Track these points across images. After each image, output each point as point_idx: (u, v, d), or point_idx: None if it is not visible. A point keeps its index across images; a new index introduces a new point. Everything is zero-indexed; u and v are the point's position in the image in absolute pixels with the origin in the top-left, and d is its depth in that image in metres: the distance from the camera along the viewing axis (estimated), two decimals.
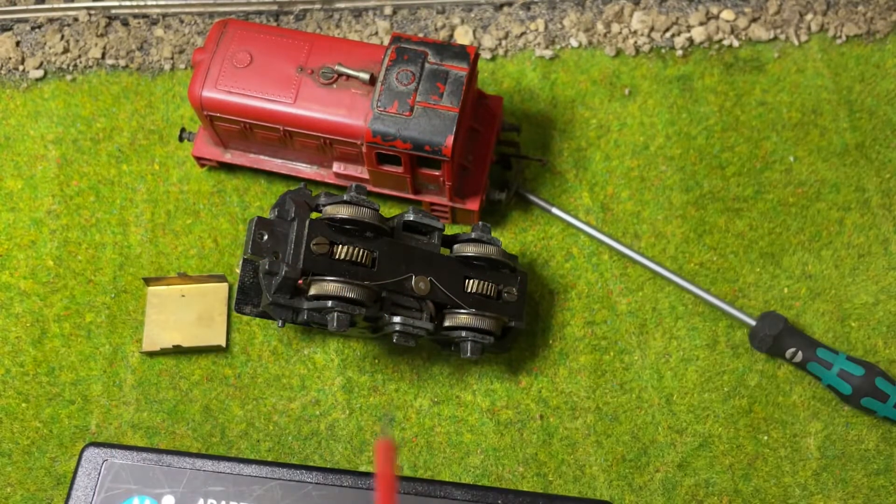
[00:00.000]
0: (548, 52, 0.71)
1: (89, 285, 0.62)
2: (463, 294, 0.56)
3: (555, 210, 0.64)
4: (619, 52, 0.71)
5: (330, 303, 0.51)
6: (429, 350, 0.60)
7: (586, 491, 0.56)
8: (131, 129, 0.68)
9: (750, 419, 0.59)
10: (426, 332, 0.53)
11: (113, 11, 0.72)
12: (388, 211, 0.64)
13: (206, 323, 0.60)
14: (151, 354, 0.60)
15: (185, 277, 0.61)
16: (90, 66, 0.70)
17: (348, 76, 0.58)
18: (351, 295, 0.51)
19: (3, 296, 0.62)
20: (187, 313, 0.60)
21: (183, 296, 0.61)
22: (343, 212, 0.53)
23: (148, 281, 0.61)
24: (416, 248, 0.56)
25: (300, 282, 0.52)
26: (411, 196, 0.62)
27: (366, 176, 0.61)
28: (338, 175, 0.62)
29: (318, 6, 0.72)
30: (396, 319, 0.54)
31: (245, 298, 0.55)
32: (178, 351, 0.60)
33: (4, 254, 0.63)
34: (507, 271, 0.58)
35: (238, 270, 0.57)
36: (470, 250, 0.56)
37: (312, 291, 0.52)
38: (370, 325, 0.55)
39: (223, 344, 0.60)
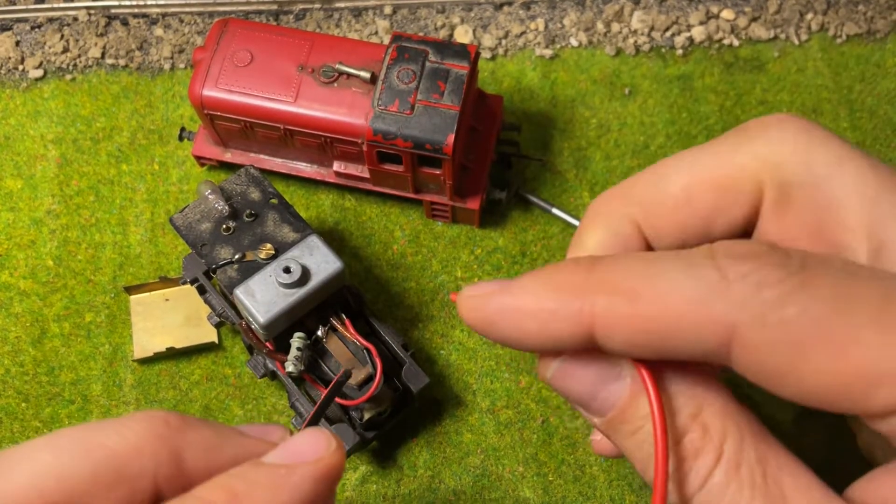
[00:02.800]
0: (548, 52, 0.71)
1: (89, 285, 0.62)
2: None
3: (555, 210, 0.64)
4: (619, 52, 0.71)
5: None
6: (427, 349, 0.60)
7: (587, 491, 0.56)
8: (131, 128, 0.68)
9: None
10: None
11: (112, 11, 0.72)
12: (388, 210, 0.64)
13: (194, 322, 0.60)
14: (144, 361, 0.60)
15: (166, 281, 0.60)
16: (90, 66, 0.70)
17: (349, 75, 0.58)
18: None
19: (2, 295, 0.62)
20: (174, 316, 0.60)
21: (167, 299, 0.61)
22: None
23: (129, 290, 0.61)
24: None
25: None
26: (412, 195, 0.61)
27: (366, 175, 0.61)
28: (338, 174, 0.62)
29: (317, 6, 0.72)
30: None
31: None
32: (171, 354, 0.59)
33: (4, 253, 0.63)
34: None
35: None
36: None
37: None
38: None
39: (216, 340, 0.59)
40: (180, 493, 0.32)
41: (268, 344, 0.53)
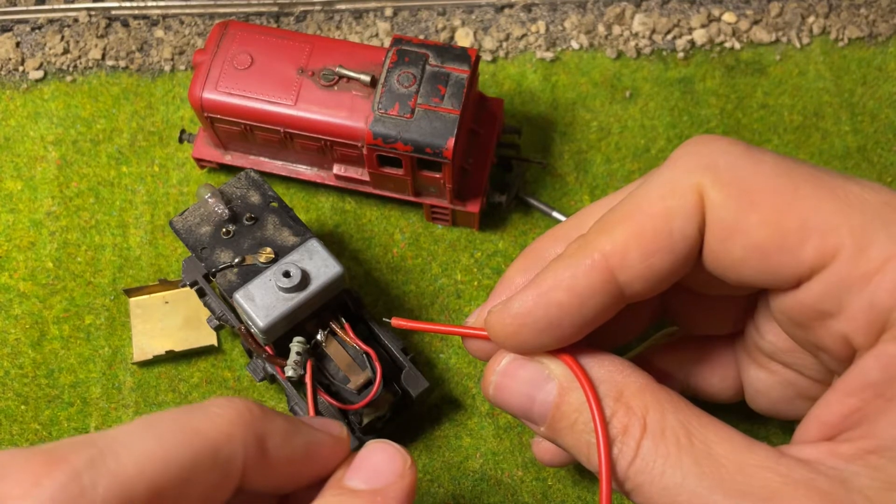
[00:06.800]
0: (549, 54, 0.70)
1: (88, 287, 0.62)
2: None
3: (555, 213, 0.64)
4: (620, 55, 0.71)
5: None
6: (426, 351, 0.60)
7: (585, 496, 0.56)
8: (131, 130, 0.67)
9: (751, 424, 0.59)
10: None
11: (113, 12, 0.72)
12: (388, 213, 0.64)
13: (194, 325, 0.60)
14: (144, 364, 0.60)
15: (165, 283, 0.60)
16: (90, 67, 0.70)
17: (349, 78, 0.58)
18: None
19: (2, 297, 0.62)
20: (174, 319, 0.60)
21: (167, 302, 0.61)
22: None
23: (129, 292, 0.60)
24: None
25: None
26: (412, 198, 0.61)
27: (366, 178, 0.61)
28: (338, 177, 0.62)
29: (318, 8, 0.72)
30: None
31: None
32: (170, 357, 0.59)
33: (4, 255, 0.63)
34: None
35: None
36: None
37: None
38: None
39: (215, 343, 0.59)
40: (263, 477, 0.34)
41: (267, 348, 0.53)
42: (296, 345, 0.51)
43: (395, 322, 0.44)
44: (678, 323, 0.47)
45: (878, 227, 0.31)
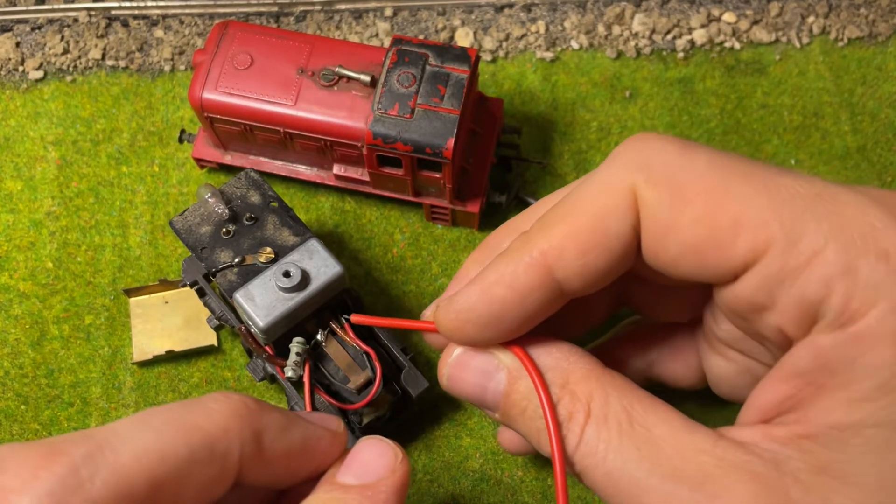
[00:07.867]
0: (548, 54, 0.70)
1: (88, 287, 0.62)
2: None
3: None
4: (620, 55, 0.71)
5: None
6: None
7: (585, 494, 0.56)
8: (131, 130, 0.67)
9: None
10: None
11: (113, 12, 0.72)
12: (388, 213, 0.64)
13: (194, 325, 0.60)
14: (144, 364, 0.60)
15: (165, 283, 0.60)
16: (90, 67, 0.70)
17: (349, 78, 0.58)
18: None
19: (2, 297, 0.62)
20: (174, 318, 0.60)
21: (167, 302, 0.61)
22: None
23: (129, 292, 0.60)
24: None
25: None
26: (412, 198, 0.61)
27: (366, 178, 0.61)
28: (338, 177, 0.62)
29: (318, 8, 0.72)
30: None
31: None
32: (170, 357, 0.59)
33: (4, 255, 0.63)
34: None
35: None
36: None
37: None
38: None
39: (215, 343, 0.59)
40: (260, 471, 0.34)
41: (267, 348, 0.53)
42: (296, 345, 0.51)
43: (355, 318, 0.45)
44: (639, 311, 0.48)
45: (809, 220, 0.32)
